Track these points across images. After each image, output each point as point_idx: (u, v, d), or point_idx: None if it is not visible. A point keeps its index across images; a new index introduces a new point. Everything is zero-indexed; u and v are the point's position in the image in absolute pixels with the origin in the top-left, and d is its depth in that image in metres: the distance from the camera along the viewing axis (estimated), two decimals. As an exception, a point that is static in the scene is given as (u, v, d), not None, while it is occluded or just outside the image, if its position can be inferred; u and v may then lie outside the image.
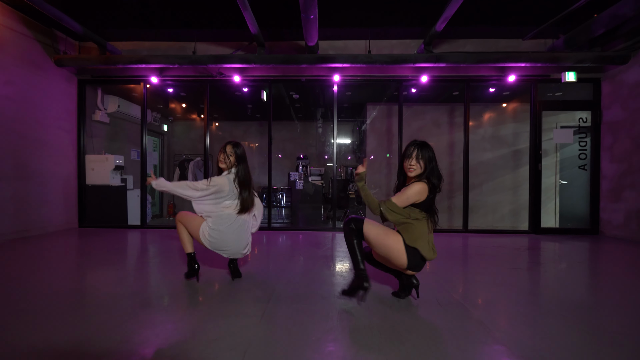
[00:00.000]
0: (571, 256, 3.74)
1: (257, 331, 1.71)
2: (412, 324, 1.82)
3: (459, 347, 1.57)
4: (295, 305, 2.10)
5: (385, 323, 1.84)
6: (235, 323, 1.80)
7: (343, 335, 1.69)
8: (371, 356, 1.48)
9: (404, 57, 4.83)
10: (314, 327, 1.78)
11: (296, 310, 2.00)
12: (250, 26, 4.30)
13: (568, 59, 4.69)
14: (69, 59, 4.96)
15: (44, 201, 4.83)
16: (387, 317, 1.93)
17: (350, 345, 1.57)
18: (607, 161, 5.09)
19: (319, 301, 2.17)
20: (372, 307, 2.08)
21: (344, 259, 3.45)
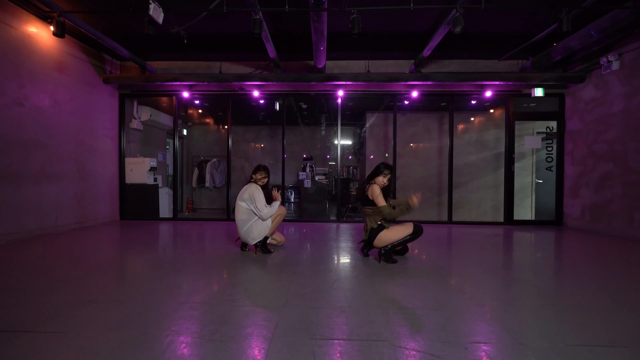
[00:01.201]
0: (533, 240, 4.70)
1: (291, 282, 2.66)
2: (404, 275, 2.77)
3: (440, 294, 2.52)
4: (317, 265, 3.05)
5: (385, 269, 2.79)
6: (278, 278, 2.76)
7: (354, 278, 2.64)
8: (382, 277, 2.43)
9: (397, 76, 5.77)
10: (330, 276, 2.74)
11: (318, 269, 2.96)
12: (270, 53, 5.23)
13: (534, 78, 5.62)
14: (114, 78, 5.89)
15: (96, 198, 5.78)
16: (385, 267, 2.88)
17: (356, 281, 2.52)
18: (569, 164, 6.02)
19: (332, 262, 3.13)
20: (372, 263, 3.04)
21: (345, 240, 4.40)
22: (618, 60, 4.98)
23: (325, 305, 2.12)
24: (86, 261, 3.23)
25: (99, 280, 2.62)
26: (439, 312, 2.03)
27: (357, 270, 2.97)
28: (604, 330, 1.81)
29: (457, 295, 2.37)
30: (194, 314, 1.97)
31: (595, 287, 2.57)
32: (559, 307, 2.15)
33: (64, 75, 5.04)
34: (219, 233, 5.09)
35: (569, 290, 2.53)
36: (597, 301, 2.27)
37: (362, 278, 2.74)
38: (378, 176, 3.32)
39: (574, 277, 2.87)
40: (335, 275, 2.77)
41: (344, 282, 2.60)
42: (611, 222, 5.09)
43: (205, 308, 2.06)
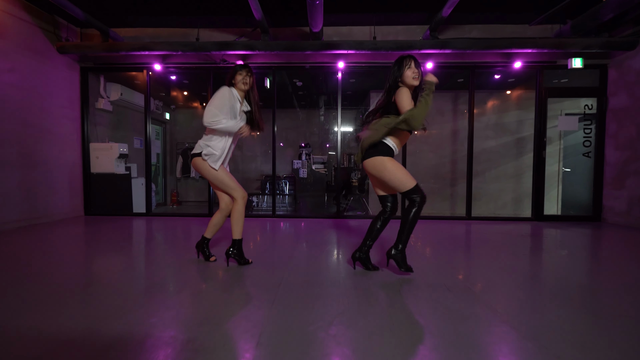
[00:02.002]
0: (573, 242, 3.79)
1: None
2: (421, 308, 1.86)
3: (469, 329, 1.61)
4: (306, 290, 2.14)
5: (394, 307, 1.88)
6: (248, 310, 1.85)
7: (354, 316, 1.74)
8: (384, 338, 1.52)
9: (410, 43, 4.79)
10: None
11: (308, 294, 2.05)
12: (255, 12, 4.26)
13: (575, 44, 4.65)
14: (71, 46, 4.92)
15: (51, 189, 4.86)
16: (393, 301, 1.98)
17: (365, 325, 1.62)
18: (612, 148, 5.09)
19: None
20: (376, 292, 2.13)
21: (346, 244, 3.50)
22: (685, 18, 4.02)
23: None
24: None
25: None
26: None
27: (367, 296, 2.07)
28: None
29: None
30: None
31: None
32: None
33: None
34: (192, 233, 4.19)
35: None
36: None
37: (376, 313, 1.84)
38: (404, 71, 2.32)
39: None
40: (333, 308, 1.87)
41: (347, 321, 1.70)
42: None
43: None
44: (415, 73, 2.30)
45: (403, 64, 2.33)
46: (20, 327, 1.57)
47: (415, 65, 2.32)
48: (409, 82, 2.31)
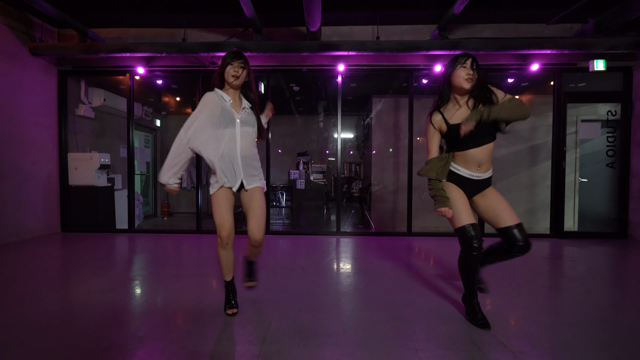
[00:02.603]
0: (607, 267, 3.32)
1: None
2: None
3: None
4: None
5: None
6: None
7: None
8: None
9: (417, 43, 4.35)
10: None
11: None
12: (245, 8, 3.82)
13: (599, 44, 4.21)
14: (45, 47, 4.48)
15: (21, 204, 4.39)
16: None
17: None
18: (638, 158, 4.63)
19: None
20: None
21: (348, 274, 3.02)
22: None
23: None
24: None
25: None
26: None
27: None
28: None
29: None
30: None
31: None
32: None
33: (-41, 38, 3.64)
34: (178, 253, 3.72)
35: None
36: None
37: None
38: (455, 69, 1.95)
39: None
40: None
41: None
42: None
43: None
44: (470, 75, 1.91)
45: (457, 61, 1.97)
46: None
47: (471, 66, 1.94)
48: (458, 83, 1.94)
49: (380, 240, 4.62)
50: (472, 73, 1.92)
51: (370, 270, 3.12)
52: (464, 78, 1.92)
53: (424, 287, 2.66)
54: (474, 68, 1.93)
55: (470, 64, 1.93)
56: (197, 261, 3.47)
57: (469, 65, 1.93)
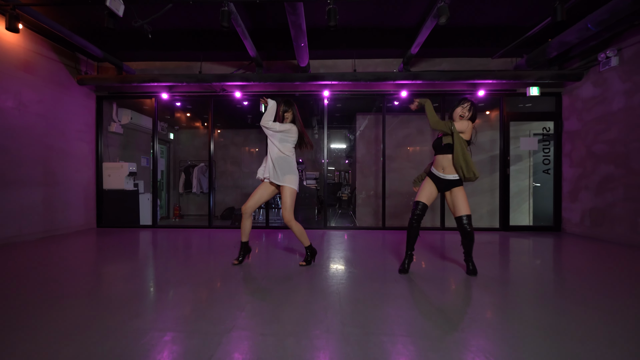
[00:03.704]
0: (528, 249, 4.37)
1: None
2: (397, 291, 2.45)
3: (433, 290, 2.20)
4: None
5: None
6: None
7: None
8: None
9: (385, 75, 5.48)
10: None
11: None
12: (250, 51, 4.96)
13: (529, 76, 5.33)
14: (89, 79, 5.62)
15: (68, 204, 5.47)
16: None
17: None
18: (568, 166, 5.72)
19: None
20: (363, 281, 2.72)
21: (331, 258, 4.08)
22: (617, 56, 4.70)
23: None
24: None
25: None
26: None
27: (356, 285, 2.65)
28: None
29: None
30: None
31: (589, 306, 2.25)
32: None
33: (30, 75, 4.76)
34: (191, 242, 4.78)
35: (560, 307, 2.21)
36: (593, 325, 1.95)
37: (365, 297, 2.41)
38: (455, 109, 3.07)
39: (571, 294, 2.55)
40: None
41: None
42: (613, 227, 4.77)
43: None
44: (464, 112, 3.00)
45: (458, 103, 3.07)
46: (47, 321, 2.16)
47: (468, 109, 3.02)
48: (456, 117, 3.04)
49: (359, 233, 5.68)
50: (466, 113, 3.01)
51: (339, 247, 4.18)
52: (459, 115, 3.02)
53: (382, 260, 3.72)
54: (469, 110, 3.02)
55: (468, 109, 3.03)
56: (209, 244, 4.54)
57: (466, 108, 3.03)
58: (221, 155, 9.31)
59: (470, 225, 2.92)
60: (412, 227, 2.99)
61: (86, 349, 1.60)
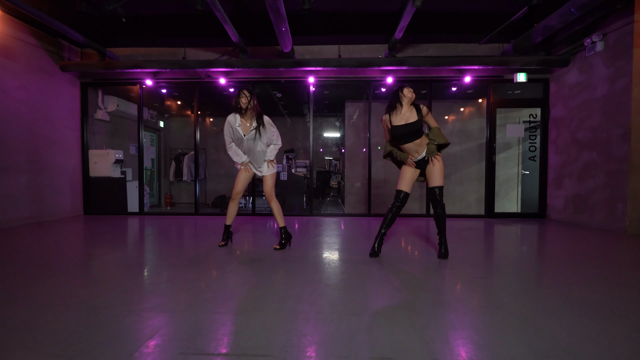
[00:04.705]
0: (506, 234, 4.40)
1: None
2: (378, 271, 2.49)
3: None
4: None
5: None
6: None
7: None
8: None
9: (370, 61, 5.44)
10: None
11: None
12: (232, 36, 4.91)
13: (515, 62, 5.28)
14: (72, 65, 5.58)
15: (54, 191, 5.49)
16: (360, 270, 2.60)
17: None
18: (553, 153, 5.71)
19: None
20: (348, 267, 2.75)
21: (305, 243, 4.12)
22: (602, 40, 4.65)
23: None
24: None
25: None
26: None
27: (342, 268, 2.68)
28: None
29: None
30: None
31: (551, 290, 2.28)
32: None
33: (10, 61, 4.73)
34: (175, 229, 4.82)
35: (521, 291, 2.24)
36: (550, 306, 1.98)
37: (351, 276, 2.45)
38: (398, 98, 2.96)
39: (536, 277, 2.58)
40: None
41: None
42: (593, 213, 4.79)
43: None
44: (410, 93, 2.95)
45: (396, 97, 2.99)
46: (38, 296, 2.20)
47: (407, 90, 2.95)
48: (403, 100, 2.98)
49: (342, 220, 5.71)
50: (408, 95, 2.93)
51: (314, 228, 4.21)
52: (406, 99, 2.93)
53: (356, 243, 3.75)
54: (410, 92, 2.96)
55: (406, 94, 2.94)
56: (196, 231, 4.58)
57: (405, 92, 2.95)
58: (213, 143, 9.29)
59: (442, 195, 2.97)
60: (392, 210, 3.04)
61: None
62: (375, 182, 6.53)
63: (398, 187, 3.05)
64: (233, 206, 3.39)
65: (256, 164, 3.35)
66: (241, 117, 3.27)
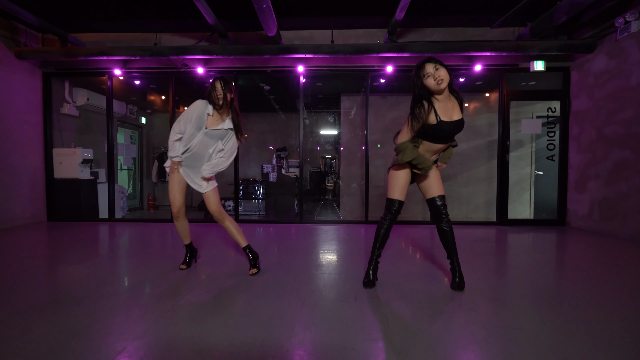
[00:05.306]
0: (531, 248, 3.74)
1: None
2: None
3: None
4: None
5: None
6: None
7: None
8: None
9: (367, 47, 4.76)
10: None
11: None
12: (207, 17, 4.24)
13: (533, 47, 4.61)
14: (29, 52, 4.91)
15: (9, 195, 4.83)
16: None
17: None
18: (575, 151, 5.03)
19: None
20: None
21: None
22: (638, 19, 3.96)
23: None
24: None
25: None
26: None
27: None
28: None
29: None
30: None
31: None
32: None
33: (-52, 45, 4.07)
34: (146, 240, 4.16)
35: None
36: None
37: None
38: (425, 81, 2.10)
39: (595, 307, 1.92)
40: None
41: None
42: (627, 221, 4.12)
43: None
44: (439, 78, 2.07)
45: (419, 73, 2.12)
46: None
47: (434, 69, 2.09)
48: (434, 90, 2.12)
49: (339, 227, 5.05)
50: (438, 76, 2.06)
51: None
52: (435, 84, 2.07)
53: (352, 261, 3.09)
54: (435, 69, 2.08)
55: (433, 69, 2.08)
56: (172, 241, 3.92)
57: (432, 71, 2.08)
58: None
59: (445, 207, 2.31)
60: (384, 226, 2.35)
61: None
62: (373, 184, 5.87)
63: (390, 196, 2.34)
64: (180, 225, 2.68)
65: (193, 171, 2.58)
66: (215, 110, 2.56)
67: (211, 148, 2.57)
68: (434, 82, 2.08)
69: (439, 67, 2.09)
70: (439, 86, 2.08)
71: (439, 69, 2.09)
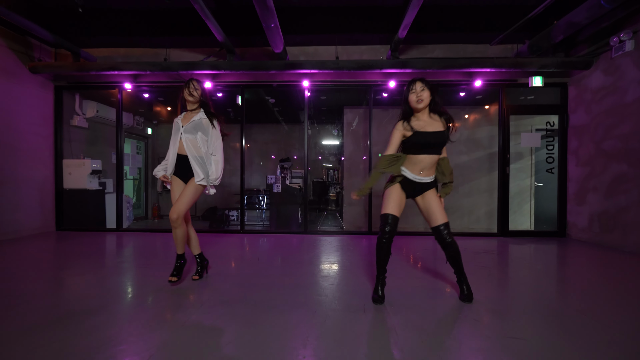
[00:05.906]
0: (533, 259, 3.82)
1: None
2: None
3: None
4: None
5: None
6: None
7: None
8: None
9: (371, 63, 4.91)
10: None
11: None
12: (216, 34, 4.40)
13: (532, 64, 4.75)
14: (42, 66, 5.06)
15: (18, 206, 4.93)
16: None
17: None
18: (573, 164, 5.14)
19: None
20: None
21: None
22: (632, 39, 4.12)
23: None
24: None
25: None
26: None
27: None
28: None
29: None
30: None
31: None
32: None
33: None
34: (152, 249, 4.24)
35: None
36: None
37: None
38: (409, 96, 2.36)
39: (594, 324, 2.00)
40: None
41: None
42: (626, 234, 4.20)
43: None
44: (419, 97, 2.31)
45: (408, 88, 2.38)
46: None
47: (420, 88, 2.33)
48: (413, 106, 2.37)
49: (339, 239, 5.13)
50: (420, 95, 2.31)
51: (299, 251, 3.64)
52: (415, 101, 2.34)
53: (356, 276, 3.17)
54: (421, 89, 2.32)
55: (419, 88, 2.33)
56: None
57: (417, 89, 2.33)
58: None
59: (451, 234, 2.38)
60: (383, 245, 2.37)
61: None
62: (376, 195, 5.95)
63: (384, 211, 2.40)
64: (177, 232, 2.66)
65: (187, 174, 2.74)
66: (187, 112, 2.91)
67: (195, 145, 2.74)
68: (415, 99, 2.34)
69: (425, 89, 2.34)
70: (417, 104, 2.34)
71: (424, 90, 2.34)
